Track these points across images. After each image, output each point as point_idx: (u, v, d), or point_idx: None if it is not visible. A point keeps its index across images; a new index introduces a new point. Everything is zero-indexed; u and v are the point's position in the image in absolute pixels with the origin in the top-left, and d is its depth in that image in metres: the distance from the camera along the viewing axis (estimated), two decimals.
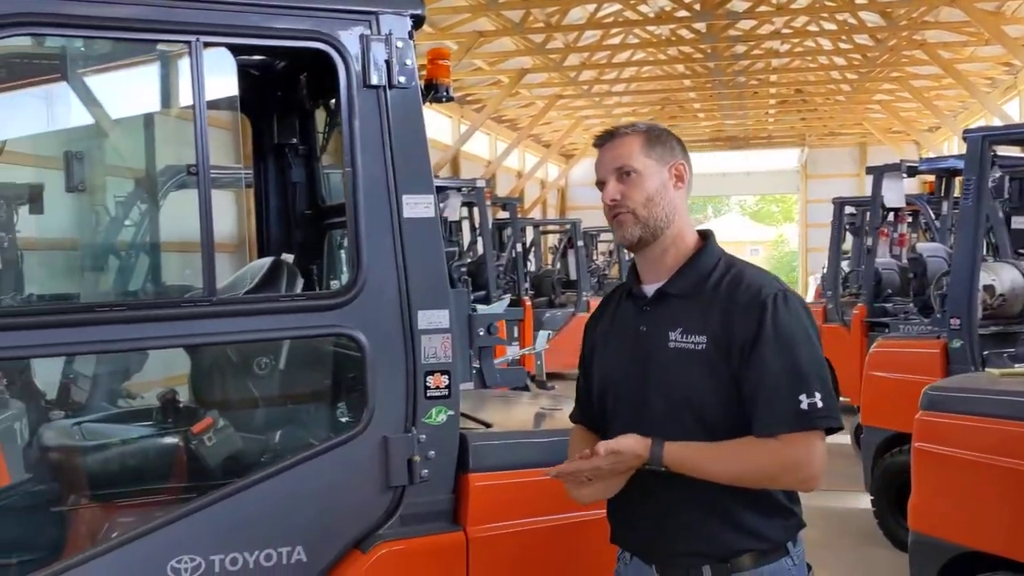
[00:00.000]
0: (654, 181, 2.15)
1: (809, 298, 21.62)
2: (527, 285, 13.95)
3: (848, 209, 12.37)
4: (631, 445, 2.04)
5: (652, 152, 2.17)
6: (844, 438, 9.15)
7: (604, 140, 2.22)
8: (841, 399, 11.35)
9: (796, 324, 2.07)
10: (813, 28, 17.00)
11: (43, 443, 2.99)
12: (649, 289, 2.22)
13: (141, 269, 4.33)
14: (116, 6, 2.29)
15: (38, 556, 2.51)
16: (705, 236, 2.24)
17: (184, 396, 3.11)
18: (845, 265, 12.90)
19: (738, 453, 2.05)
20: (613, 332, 2.30)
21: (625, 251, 18.83)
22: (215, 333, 2.44)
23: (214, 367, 2.91)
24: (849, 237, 12.66)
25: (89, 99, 3.47)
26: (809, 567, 2.23)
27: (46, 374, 4.18)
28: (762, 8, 15.50)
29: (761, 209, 61.26)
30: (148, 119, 3.46)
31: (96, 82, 3.39)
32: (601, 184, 2.20)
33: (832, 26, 16.72)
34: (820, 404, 2.01)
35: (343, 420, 2.77)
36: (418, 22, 2.60)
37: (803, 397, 2.01)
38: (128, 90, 3.43)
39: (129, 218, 5.34)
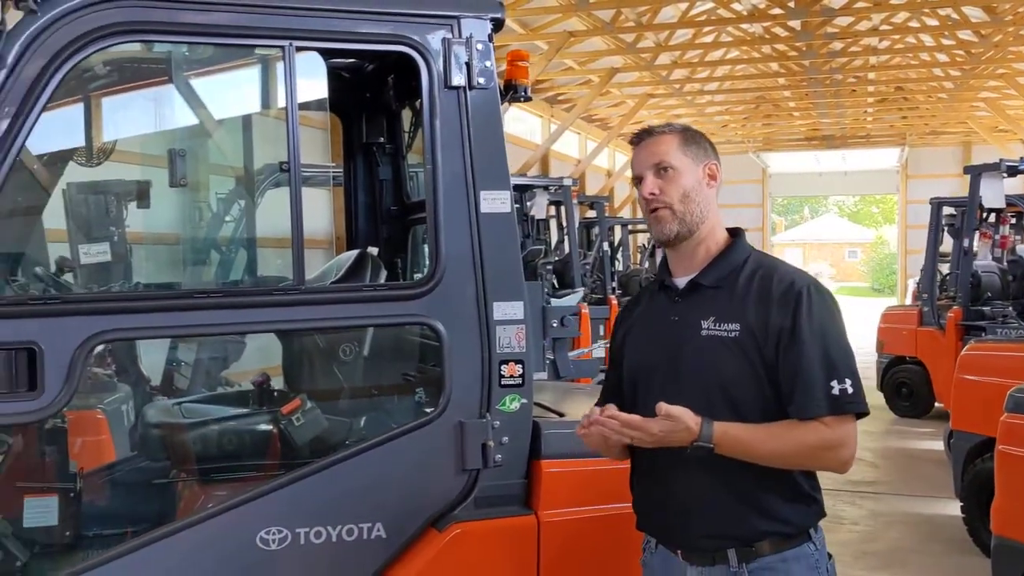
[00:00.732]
0: (690, 178, 2.25)
1: (907, 301, 21.04)
2: (614, 284, 13.95)
3: (947, 210, 12.01)
4: (687, 416, 2.08)
5: (688, 151, 2.27)
6: (936, 443, 8.92)
7: (642, 137, 2.32)
8: (936, 404, 11.08)
9: (827, 315, 2.17)
10: (914, 24, 16.53)
11: (147, 421, 3.21)
12: (681, 281, 2.31)
13: (238, 262, 4.56)
14: (215, 13, 2.46)
15: (140, 525, 2.70)
16: (735, 233, 2.34)
17: (275, 382, 3.29)
18: (945, 268, 12.53)
19: (783, 433, 2.13)
20: (645, 323, 2.39)
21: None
22: (303, 320, 2.59)
23: (303, 353, 3.08)
24: (948, 239, 12.28)
25: (192, 101, 3.69)
26: (830, 556, 2.28)
27: (150, 362, 4.44)
28: (860, 4, 15.16)
29: (860, 210, 59.64)
30: (247, 120, 3.66)
31: (198, 84, 3.60)
32: (638, 179, 2.29)
33: (934, 22, 16.23)
34: (850, 390, 2.11)
35: (421, 405, 2.90)
36: (498, 25, 2.71)
37: (834, 383, 2.11)
38: (230, 92, 3.63)
39: (229, 214, 5.61)
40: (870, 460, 9.00)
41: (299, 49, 2.52)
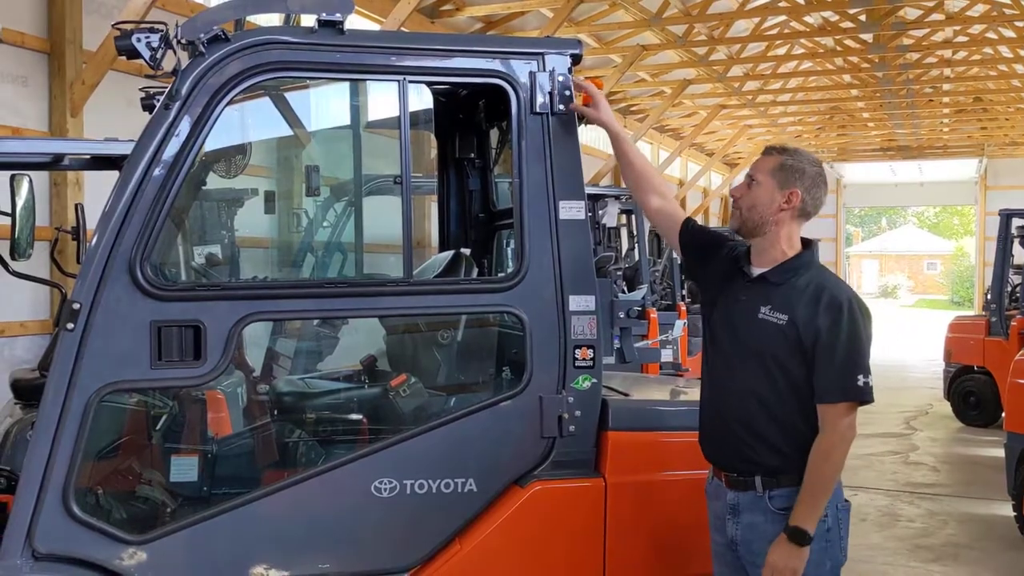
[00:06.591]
0: (765, 196, 2.84)
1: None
2: (684, 291, 14.26)
3: (1018, 221, 12.05)
4: (782, 546, 2.69)
5: (777, 175, 2.84)
6: (999, 451, 9.07)
7: (765, 151, 2.94)
8: (1003, 414, 11.15)
9: (858, 324, 2.72)
10: (991, 36, 16.50)
11: (278, 391, 3.77)
12: (754, 271, 2.89)
13: (348, 262, 5.09)
14: (345, 53, 2.98)
15: (278, 474, 3.25)
16: (806, 244, 2.90)
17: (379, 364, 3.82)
18: (1017, 279, 12.56)
19: (821, 468, 2.68)
20: (723, 294, 2.96)
21: None
22: (411, 307, 3.12)
23: (407, 338, 3.61)
24: (1020, 250, 12.30)
25: (313, 120, 4.24)
26: (847, 501, 2.84)
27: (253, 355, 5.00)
28: (933, 17, 15.22)
29: (941, 221, 58.33)
30: (355, 136, 4.16)
31: (320, 107, 4.15)
32: (748, 178, 2.91)
33: (1011, 34, 16.17)
34: (863, 384, 2.68)
35: (507, 382, 3.38)
36: (576, 60, 3.19)
37: (860, 377, 2.68)
38: (338, 114, 4.15)
39: (326, 220, 6.17)
40: (932, 464, 9.18)
41: (411, 82, 3.04)
